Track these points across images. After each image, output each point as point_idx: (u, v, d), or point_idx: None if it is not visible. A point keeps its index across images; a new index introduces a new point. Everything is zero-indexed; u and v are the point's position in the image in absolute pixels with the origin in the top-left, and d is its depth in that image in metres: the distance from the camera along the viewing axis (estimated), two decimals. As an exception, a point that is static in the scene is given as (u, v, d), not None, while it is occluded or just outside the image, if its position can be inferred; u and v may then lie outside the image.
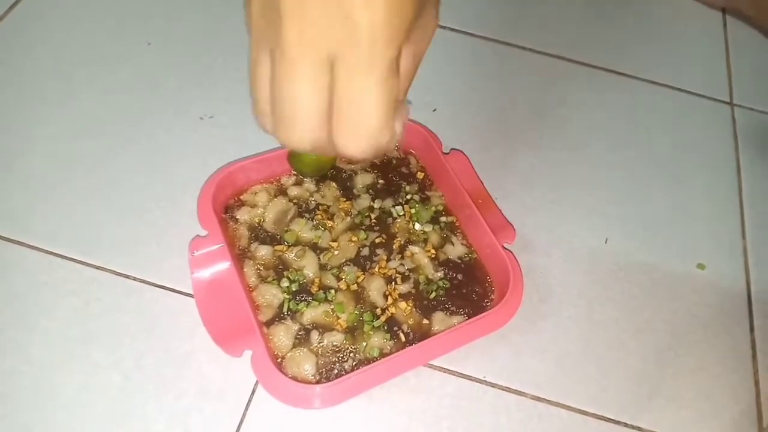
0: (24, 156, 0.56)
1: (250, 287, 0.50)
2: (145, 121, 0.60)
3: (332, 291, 0.50)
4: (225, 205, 0.54)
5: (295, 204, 0.54)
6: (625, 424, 0.48)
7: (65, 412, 0.44)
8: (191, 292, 0.49)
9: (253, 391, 0.46)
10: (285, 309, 0.48)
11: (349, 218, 0.54)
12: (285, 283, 0.50)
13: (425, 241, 0.53)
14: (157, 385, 0.46)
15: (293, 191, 0.55)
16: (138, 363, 0.46)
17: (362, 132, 0.26)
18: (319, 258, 0.51)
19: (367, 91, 0.25)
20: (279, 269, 0.51)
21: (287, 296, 0.49)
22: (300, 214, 0.54)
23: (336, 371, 0.46)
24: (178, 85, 0.63)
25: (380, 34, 0.24)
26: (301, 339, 0.47)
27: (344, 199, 0.55)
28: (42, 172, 0.55)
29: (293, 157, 0.54)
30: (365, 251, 0.52)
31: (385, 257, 0.52)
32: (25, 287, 0.49)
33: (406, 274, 0.51)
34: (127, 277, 0.50)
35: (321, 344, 0.47)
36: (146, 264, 0.51)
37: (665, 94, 0.70)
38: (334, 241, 0.52)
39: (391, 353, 0.47)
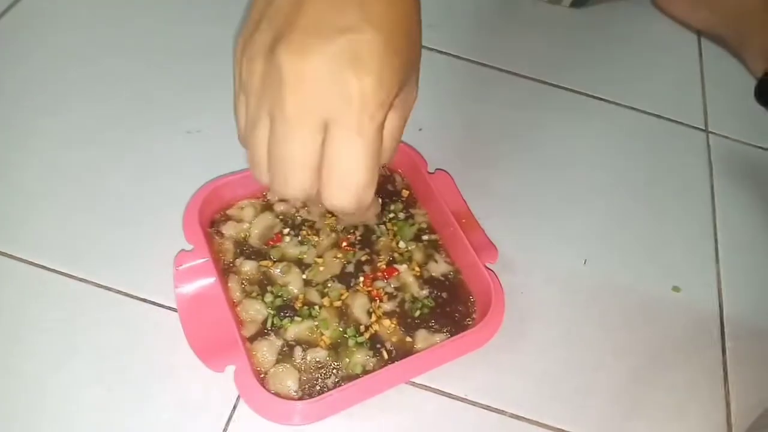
0: (11, 166, 0.56)
1: (234, 302, 0.50)
2: (134, 133, 0.60)
3: (316, 307, 0.50)
4: (211, 219, 0.54)
5: (281, 220, 0.55)
6: (602, 443, 0.49)
7: (48, 423, 0.44)
8: (175, 306, 0.49)
9: (235, 407, 0.46)
10: (269, 324, 0.49)
11: (334, 234, 0.55)
12: (269, 298, 0.50)
13: (410, 259, 0.54)
14: (139, 399, 0.46)
15: (279, 207, 0.55)
16: (121, 377, 0.46)
17: (349, 188, 0.29)
18: (304, 274, 0.52)
19: (356, 151, 0.28)
20: (263, 284, 0.51)
21: (271, 312, 0.49)
22: (287, 231, 0.54)
23: (318, 388, 0.46)
24: (166, 98, 0.63)
25: (370, 101, 0.27)
26: (285, 355, 0.48)
27: (330, 215, 0.56)
28: (28, 183, 0.55)
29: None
30: (350, 268, 0.53)
31: (370, 275, 0.52)
32: (9, 298, 0.49)
33: (393, 293, 0.52)
34: (110, 289, 0.50)
35: (304, 360, 0.47)
36: (131, 277, 0.51)
37: (642, 119, 0.73)
38: (319, 257, 0.53)
39: (373, 370, 0.47)
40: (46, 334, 0.47)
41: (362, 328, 0.50)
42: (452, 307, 0.52)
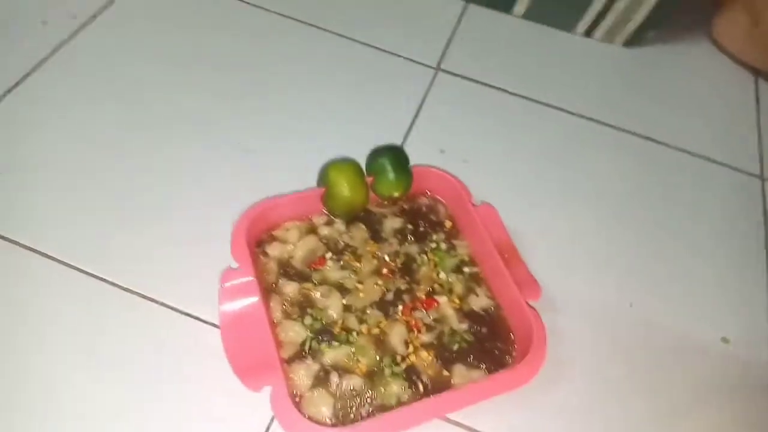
0: (73, 175, 0.58)
1: (275, 323, 0.50)
2: (191, 150, 0.62)
3: (354, 333, 0.50)
4: (257, 239, 0.55)
5: (324, 243, 0.55)
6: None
7: (66, 422, 0.45)
8: (217, 322, 0.50)
9: (268, 428, 0.46)
10: (307, 347, 0.49)
11: (376, 261, 0.55)
12: (308, 321, 0.50)
13: (450, 291, 0.54)
14: (174, 413, 0.46)
15: (324, 231, 0.56)
16: (158, 390, 0.47)
17: None
18: (344, 299, 0.52)
19: None
20: (304, 307, 0.51)
21: (310, 335, 0.49)
22: (329, 255, 0.55)
23: (352, 416, 0.46)
24: (224, 117, 0.65)
25: None
26: (321, 379, 0.48)
27: (372, 242, 0.56)
28: (93, 196, 0.57)
29: (327, 198, 0.56)
30: (390, 296, 0.53)
31: (409, 304, 0.52)
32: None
33: (432, 325, 0.51)
34: (154, 301, 0.51)
35: (340, 386, 0.47)
36: (177, 291, 0.52)
37: (694, 162, 0.71)
38: (360, 282, 0.53)
39: (408, 402, 0.47)
40: (82, 338, 0.49)
41: (399, 358, 0.49)
42: (491, 343, 0.51)
